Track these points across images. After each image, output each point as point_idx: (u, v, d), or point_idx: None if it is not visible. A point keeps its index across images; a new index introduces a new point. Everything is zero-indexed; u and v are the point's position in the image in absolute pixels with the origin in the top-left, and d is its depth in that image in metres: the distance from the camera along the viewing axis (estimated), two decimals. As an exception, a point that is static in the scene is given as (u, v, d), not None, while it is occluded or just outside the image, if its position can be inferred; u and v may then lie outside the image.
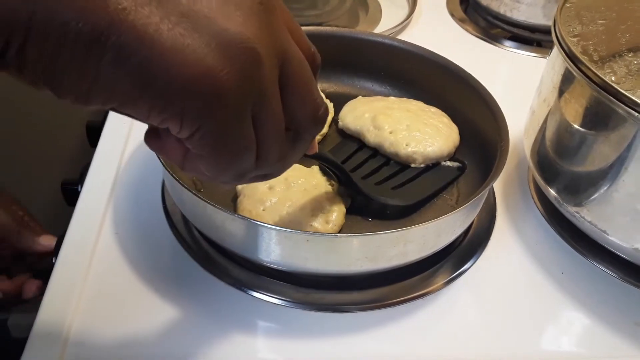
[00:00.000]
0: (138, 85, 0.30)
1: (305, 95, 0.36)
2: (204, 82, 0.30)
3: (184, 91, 0.30)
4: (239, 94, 0.31)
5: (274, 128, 0.35)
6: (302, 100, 0.36)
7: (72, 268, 0.59)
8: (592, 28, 0.61)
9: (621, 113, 0.53)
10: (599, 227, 0.59)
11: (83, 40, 0.28)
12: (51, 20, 0.27)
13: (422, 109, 0.73)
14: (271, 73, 0.33)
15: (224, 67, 0.30)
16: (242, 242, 0.55)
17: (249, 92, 0.32)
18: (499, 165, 0.59)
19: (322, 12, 1.07)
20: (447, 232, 0.58)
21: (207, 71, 0.30)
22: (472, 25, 1.08)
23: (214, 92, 0.31)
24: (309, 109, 0.36)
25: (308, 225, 0.58)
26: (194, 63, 0.30)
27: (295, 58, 0.35)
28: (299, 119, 0.36)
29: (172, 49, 0.29)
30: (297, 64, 0.35)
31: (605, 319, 0.60)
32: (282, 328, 0.56)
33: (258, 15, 0.32)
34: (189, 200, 0.56)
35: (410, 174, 0.69)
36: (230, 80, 0.31)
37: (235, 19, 0.31)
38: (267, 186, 0.60)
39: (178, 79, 0.30)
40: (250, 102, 0.32)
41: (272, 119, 0.34)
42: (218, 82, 0.30)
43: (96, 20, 0.28)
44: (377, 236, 0.53)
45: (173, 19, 0.30)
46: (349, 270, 0.55)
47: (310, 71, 0.36)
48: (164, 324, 0.55)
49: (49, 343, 0.53)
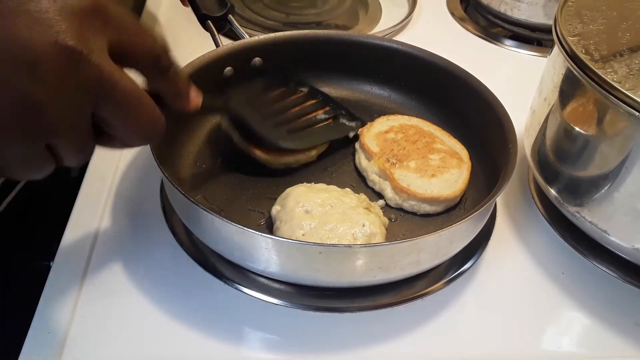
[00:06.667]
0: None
1: (125, 120, 0.40)
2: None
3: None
4: (20, 138, 0.36)
5: (69, 153, 0.40)
6: (122, 126, 0.40)
7: (69, 269, 0.59)
8: (593, 27, 0.61)
9: (622, 112, 0.53)
10: (599, 227, 0.59)
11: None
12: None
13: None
14: (67, 115, 0.37)
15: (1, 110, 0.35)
16: (250, 256, 0.54)
17: (31, 134, 0.36)
18: (509, 167, 0.59)
19: (322, 11, 1.07)
20: (460, 238, 0.58)
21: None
22: (473, 24, 1.08)
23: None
24: (130, 131, 0.41)
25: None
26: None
27: (116, 89, 0.38)
28: (119, 135, 0.41)
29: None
30: (118, 94, 0.38)
31: (605, 319, 0.60)
32: (282, 328, 0.56)
33: (57, 68, 0.35)
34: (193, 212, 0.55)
35: (310, 122, 0.72)
36: (6, 126, 0.35)
37: (29, 72, 0.34)
38: (304, 210, 0.58)
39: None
40: (35, 139, 0.37)
41: (67, 148, 0.39)
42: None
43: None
44: (390, 246, 0.52)
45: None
46: (362, 281, 0.55)
47: (135, 94, 0.39)
48: (162, 325, 0.55)
49: (48, 343, 0.52)
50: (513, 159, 0.60)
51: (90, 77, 0.36)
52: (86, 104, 0.37)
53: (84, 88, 0.36)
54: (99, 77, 0.37)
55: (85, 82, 0.36)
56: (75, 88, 0.36)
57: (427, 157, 0.68)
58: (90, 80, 0.36)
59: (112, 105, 0.38)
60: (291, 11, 1.06)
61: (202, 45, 0.72)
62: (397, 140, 0.70)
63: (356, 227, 0.57)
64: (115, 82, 0.38)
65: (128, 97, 0.39)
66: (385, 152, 0.69)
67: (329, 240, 0.56)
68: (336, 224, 0.57)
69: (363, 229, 0.57)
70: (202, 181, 0.67)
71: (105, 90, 0.37)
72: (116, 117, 0.39)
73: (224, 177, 0.68)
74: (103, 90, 0.37)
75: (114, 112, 0.39)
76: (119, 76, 0.38)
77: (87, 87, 0.36)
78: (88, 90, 0.37)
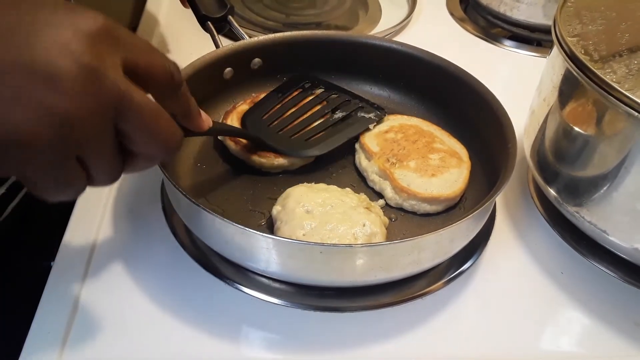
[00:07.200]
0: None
1: (145, 133, 0.41)
2: (14, 140, 0.36)
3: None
4: (50, 151, 0.37)
5: (99, 167, 0.41)
6: (142, 138, 0.41)
7: (70, 270, 0.59)
8: (592, 28, 0.61)
9: (621, 113, 0.53)
10: (598, 227, 0.59)
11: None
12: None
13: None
14: (93, 127, 0.38)
15: (32, 127, 0.36)
16: (251, 256, 0.54)
17: (62, 147, 0.37)
18: (509, 167, 0.59)
19: (322, 12, 1.07)
20: (460, 237, 0.58)
21: (14, 131, 0.36)
22: (472, 25, 1.08)
23: (25, 147, 0.36)
24: (151, 143, 0.42)
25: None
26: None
27: (134, 102, 0.39)
28: (140, 150, 0.42)
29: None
30: (136, 107, 0.40)
31: (605, 318, 0.60)
32: (282, 328, 0.56)
33: (78, 81, 0.36)
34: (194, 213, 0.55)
35: (327, 124, 0.72)
36: (39, 141, 0.36)
37: (53, 87, 0.36)
38: (304, 210, 0.59)
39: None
40: (67, 152, 0.38)
41: (97, 162, 0.40)
42: (26, 142, 0.36)
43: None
44: (391, 245, 0.53)
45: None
46: (363, 280, 0.55)
47: (152, 107, 0.41)
48: (163, 324, 0.55)
49: (49, 343, 0.53)
50: (512, 159, 0.60)
51: (109, 92, 0.38)
52: (108, 116, 0.39)
53: (104, 101, 0.38)
54: (117, 92, 0.38)
55: (105, 96, 0.38)
56: (97, 102, 0.37)
57: (427, 157, 0.68)
58: (109, 94, 0.38)
59: (131, 118, 0.40)
60: (291, 12, 1.06)
61: (202, 46, 0.72)
62: (397, 140, 0.71)
63: (357, 226, 0.57)
64: (132, 96, 0.39)
65: (146, 110, 0.40)
66: (385, 152, 0.69)
67: (330, 240, 0.56)
68: (337, 224, 0.57)
69: (363, 228, 0.57)
70: (203, 182, 0.67)
71: (124, 104, 0.39)
72: (136, 130, 0.41)
73: (224, 177, 0.68)
74: (121, 103, 0.39)
75: (134, 124, 0.40)
76: (134, 91, 0.40)
77: (107, 100, 0.38)
78: (108, 103, 0.38)
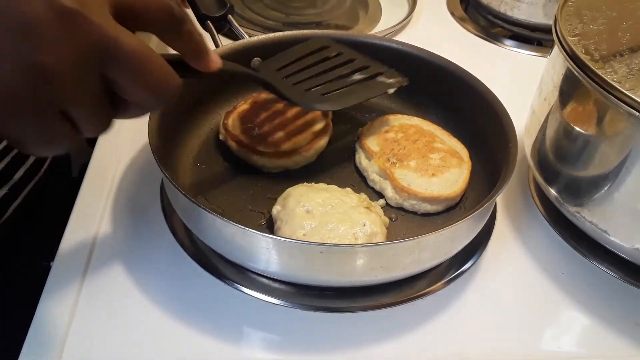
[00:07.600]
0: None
1: (136, 81, 0.39)
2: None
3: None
4: (30, 106, 0.35)
5: (85, 119, 0.39)
6: (134, 87, 0.39)
7: (69, 270, 0.59)
8: (593, 27, 0.61)
9: (622, 112, 0.53)
10: (599, 227, 0.59)
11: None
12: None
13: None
14: (74, 78, 0.36)
15: (8, 81, 0.34)
16: (251, 256, 0.54)
17: (42, 101, 0.36)
18: (509, 167, 0.59)
19: (322, 11, 1.07)
20: (461, 237, 0.58)
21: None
22: (472, 24, 1.08)
23: (3, 104, 0.35)
24: (144, 92, 0.40)
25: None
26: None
27: (122, 48, 0.37)
28: (132, 98, 0.40)
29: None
30: (125, 54, 0.37)
31: (605, 319, 0.60)
32: (282, 328, 0.56)
33: (53, 28, 0.34)
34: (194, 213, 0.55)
35: (345, 84, 0.68)
36: (17, 96, 0.35)
37: (27, 37, 0.34)
38: (304, 210, 0.58)
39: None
40: (48, 106, 0.36)
41: (82, 114, 0.38)
42: (3, 98, 0.35)
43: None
44: (391, 245, 0.52)
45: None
46: (363, 280, 0.55)
47: (144, 53, 0.38)
48: (162, 325, 0.55)
49: (48, 343, 0.52)
50: (513, 159, 0.60)
51: (92, 37, 0.36)
52: (92, 65, 0.37)
53: (87, 49, 0.36)
54: (102, 37, 0.36)
55: (88, 43, 0.36)
56: (78, 49, 0.35)
57: (427, 157, 0.68)
58: (92, 40, 0.36)
59: (119, 64, 0.38)
60: (291, 11, 1.06)
61: (202, 45, 0.72)
62: (398, 140, 0.70)
63: (357, 226, 0.57)
64: (119, 41, 0.37)
65: (135, 55, 0.38)
66: (385, 152, 0.69)
67: (330, 240, 0.56)
68: (337, 224, 0.57)
69: (364, 228, 0.57)
70: (203, 181, 0.67)
71: (110, 50, 0.37)
72: (126, 77, 0.38)
73: (224, 177, 0.68)
74: (107, 49, 0.37)
75: (122, 71, 0.38)
76: (122, 35, 0.37)
77: (90, 47, 0.36)
78: (91, 50, 0.36)
